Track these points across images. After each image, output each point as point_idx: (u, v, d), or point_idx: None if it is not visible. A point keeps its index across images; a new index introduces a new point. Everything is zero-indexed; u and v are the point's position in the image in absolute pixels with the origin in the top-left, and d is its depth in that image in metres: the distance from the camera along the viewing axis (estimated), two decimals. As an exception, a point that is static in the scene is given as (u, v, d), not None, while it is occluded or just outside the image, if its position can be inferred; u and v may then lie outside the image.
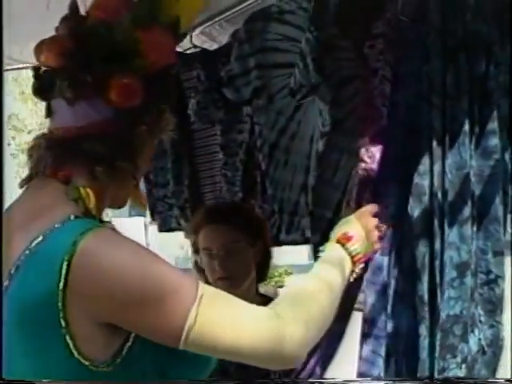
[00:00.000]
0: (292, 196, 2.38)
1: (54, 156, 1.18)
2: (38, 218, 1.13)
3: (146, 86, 1.18)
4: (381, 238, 1.45)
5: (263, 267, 2.06)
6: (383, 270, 1.60)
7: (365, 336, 1.63)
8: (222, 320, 1.08)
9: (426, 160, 1.59)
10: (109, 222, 1.23)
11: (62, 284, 1.05)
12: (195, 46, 2.82)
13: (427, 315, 1.57)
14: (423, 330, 1.58)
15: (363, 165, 1.71)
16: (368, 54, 1.79)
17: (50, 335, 1.07)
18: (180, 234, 3.05)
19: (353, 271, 1.36)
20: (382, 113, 1.71)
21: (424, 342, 1.57)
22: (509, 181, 1.66)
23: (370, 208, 1.46)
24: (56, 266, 1.06)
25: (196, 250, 2.04)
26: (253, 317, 1.11)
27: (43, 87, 1.21)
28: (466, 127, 1.60)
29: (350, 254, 1.35)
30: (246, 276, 1.99)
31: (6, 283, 1.11)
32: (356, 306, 1.97)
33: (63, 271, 1.05)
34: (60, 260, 1.06)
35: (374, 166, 1.71)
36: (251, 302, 1.99)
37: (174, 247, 9.81)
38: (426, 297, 1.57)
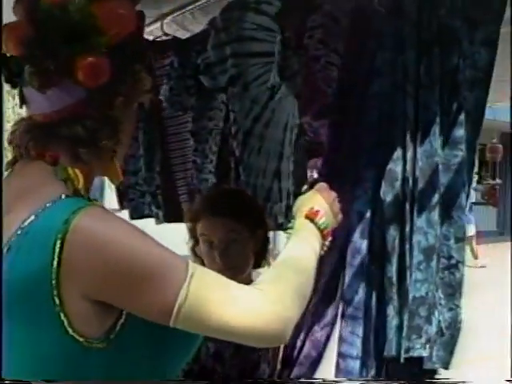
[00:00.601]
0: (265, 183, 2.40)
1: (36, 139, 1.18)
2: (27, 199, 1.13)
3: (112, 59, 1.16)
4: (341, 210, 1.48)
5: (261, 255, 2.05)
6: (362, 253, 1.65)
7: (344, 317, 1.68)
8: (212, 298, 1.10)
9: (399, 147, 1.65)
10: (96, 201, 1.23)
11: (55, 262, 1.06)
12: (166, 34, 2.83)
13: (395, 296, 1.63)
14: (391, 311, 1.63)
15: (307, 138, 1.81)
16: (308, 44, 1.89)
17: (45, 314, 1.08)
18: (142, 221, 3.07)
19: (323, 244, 1.39)
20: (326, 93, 1.82)
21: (391, 322, 1.63)
22: (470, 171, 1.73)
23: (325, 184, 1.49)
24: (49, 244, 1.06)
25: (193, 237, 2.03)
26: (242, 296, 1.13)
27: (12, 75, 1.20)
28: (437, 117, 1.66)
29: (319, 228, 1.38)
30: (246, 266, 1.98)
31: None
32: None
33: (56, 249, 1.06)
34: (53, 238, 1.06)
35: (320, 139, 1.80)
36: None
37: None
38: (394, 278, 1.63)
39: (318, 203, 1.42)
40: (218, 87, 2.40)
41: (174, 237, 2.19)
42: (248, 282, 1.99)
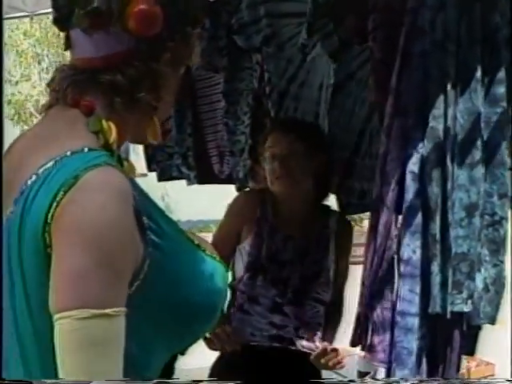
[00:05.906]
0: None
1: (74, 85, 1.14)
2: (52, 145, 1.07)
3: (166, 11, 1.12)
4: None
5: (323, 181, 2.23)
6: (418, 212, 1.66)
7: (401, 275, 1.68)
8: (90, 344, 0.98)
9: (440, 104, 1.65)
10: (127, 160, 1.20)
11: (50, 216, 1.00)
12: (196, -4, 2.83)
13: (438, 253, 1.64)
14: (435, 267, 1.64)
15: None
16: (373, 47, 1.86)
17: (46, 265, 1.01)
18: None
19: None
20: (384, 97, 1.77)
21: (435, 279, 1.64)
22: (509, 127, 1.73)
23: None
24: (53, 196, 1.01)
25: (255, 157, 2.33)
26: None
27: (61, 16, 1.16)
28: (478, 74, 1.66)
29: None
30: (302, 180, 2.19)
31: (10, 209, 1.05)
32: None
33: (54, 204, 1.00)
34: (59, 191, 1.01)
35: None
36: (310, 209, 2.22)
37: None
38: (438, 236, 1.64)
39: None
40: (253, 47, 2.40)
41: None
42: (310, 204, 2.20)
